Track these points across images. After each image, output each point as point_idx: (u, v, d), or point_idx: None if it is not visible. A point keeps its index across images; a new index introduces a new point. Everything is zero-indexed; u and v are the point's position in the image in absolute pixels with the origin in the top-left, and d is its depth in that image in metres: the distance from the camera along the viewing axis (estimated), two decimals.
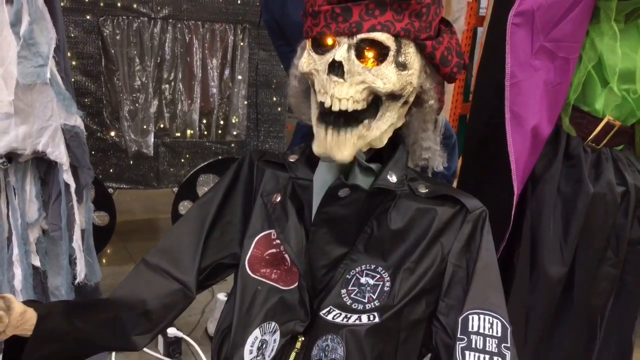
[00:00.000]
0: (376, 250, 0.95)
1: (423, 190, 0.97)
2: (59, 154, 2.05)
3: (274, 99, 3.26)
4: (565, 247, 1.31)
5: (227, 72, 3.12)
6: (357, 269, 0.95)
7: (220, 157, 3.21)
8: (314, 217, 0.95)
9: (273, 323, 0.95)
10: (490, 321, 0.89)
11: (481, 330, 0.88)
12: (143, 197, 4.25)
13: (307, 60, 0.94)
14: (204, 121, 3.18)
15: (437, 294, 0.94)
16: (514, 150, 1.16)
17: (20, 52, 1.89)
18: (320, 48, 0.93)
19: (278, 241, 1.00)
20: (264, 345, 0.94)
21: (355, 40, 0.89)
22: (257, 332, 0.96)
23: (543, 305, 1.33)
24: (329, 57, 0.90)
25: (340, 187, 0.92)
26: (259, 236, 1.02)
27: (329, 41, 0.91)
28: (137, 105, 2.94)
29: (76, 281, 2.27)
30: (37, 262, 2.21)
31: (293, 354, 0.93)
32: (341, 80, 0.89)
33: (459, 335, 0.88)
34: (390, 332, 0.92)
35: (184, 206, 3.16)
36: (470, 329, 0.88)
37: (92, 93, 2.85)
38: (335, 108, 0.89)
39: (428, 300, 0.94)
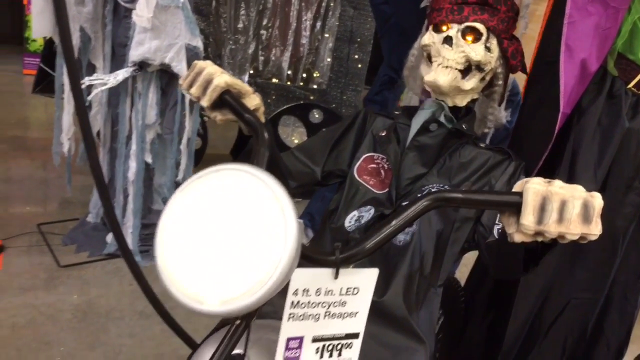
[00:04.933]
0: (445, 175, 1.39)
1: (482, 145, 1.43)
2: (181, 68, 2.45)
3: (356, 56, 3.58)
4: (598, 169, 1.59)
5: (318, 25, 3.46)
6: (429, 185, 1.37)
7: (302, 102, 3.57)
8: (408, 143, 1.41)
9: (369, 206, 1.39)
10: None
11: None
12: (226, 138, 4.68)
13: (428, 37, 1.41)
14: (292, 68, 3.54)
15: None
16: (564, 75, 1.45)
17: None
18: (438, 31, 1.40)
19: (378, 160, 1.46)
20: (361, 218, 1.38)
21: (462, 26, 1.36)
22: (355, 212, 1.40)
23: None
24: (443, 35, 1.38)
25: (431, 122, 1.40)
26: (366, 154, 1.48)
27: (444, 28, 1.39)
28: (237, 45, 3.33)
29: (176, 178, 2.68)
30: (149, 159, 2.63)
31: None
32: (450, 48, 1.36)
33: (496, 222, 1.27)
34: (449, 218, 1.34)
35: None
36: None
37: (201, 30, 3.24)
38: (444, 65, 1.36)
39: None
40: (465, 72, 1.38)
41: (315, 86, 3.62)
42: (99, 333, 2.26)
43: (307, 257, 0.80)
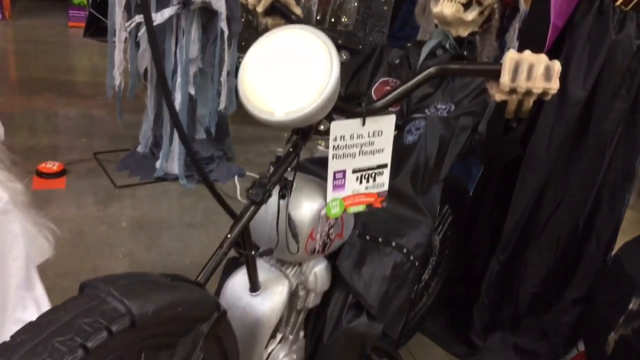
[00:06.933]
0: (449, 94, 1.70)
1: None
2: (220, 5, 2.71)
3: None
4: (587, 77, 1.81)
5: None
6: (435, 103, 1.69)
7: None
8: (418, 67, 1.73)
9: None
10: None
11: None
12: None
13: None
14: (321, 11, 3.76)
15: (479, 119, 1.63)
16: None
17: None
18: None
19: (392, 83, 1.78)
20: None
21: None
22: None
23: (564, 120, 1.85)
24: None
25: (438, 48, 1.72)
26: (382, 79, 1.80)
27: None
28: None
29: (219, 108, 2.97)
30: (192, 91, 2.92)
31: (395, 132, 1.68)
32: None
33: None
34: (451, 125, 1.64)
35: None
36: None
37: None
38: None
39: (474, 120, 1.64)
40: (466, 5, 1.67)
41: (342, 28, 3.84)
42: (153, 238, 2.60)
43: (340, 109, 1.13)
